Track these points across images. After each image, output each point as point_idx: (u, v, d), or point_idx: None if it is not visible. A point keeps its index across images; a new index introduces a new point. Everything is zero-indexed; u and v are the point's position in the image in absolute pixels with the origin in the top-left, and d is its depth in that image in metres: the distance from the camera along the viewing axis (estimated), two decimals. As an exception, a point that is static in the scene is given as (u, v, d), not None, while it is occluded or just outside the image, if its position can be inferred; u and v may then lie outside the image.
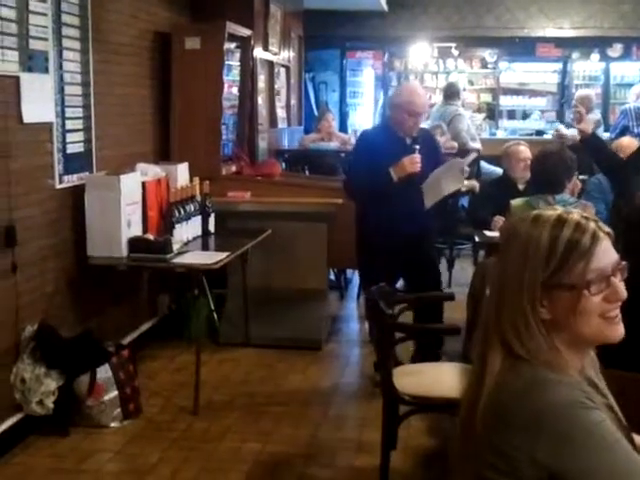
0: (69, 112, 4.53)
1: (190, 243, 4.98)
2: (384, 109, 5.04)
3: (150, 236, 4.69)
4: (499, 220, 5.21)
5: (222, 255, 4.66)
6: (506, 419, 1.46)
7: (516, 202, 4.78)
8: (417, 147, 4.76)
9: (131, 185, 4.62)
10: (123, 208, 4.51)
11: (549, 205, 4.63)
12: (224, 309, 5.73)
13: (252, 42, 6.76)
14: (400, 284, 5.46)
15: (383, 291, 3.71)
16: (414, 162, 4.70)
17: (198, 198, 5.21)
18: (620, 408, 1.59)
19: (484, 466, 1.48)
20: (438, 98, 11.55)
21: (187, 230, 5.01)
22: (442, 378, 3.63)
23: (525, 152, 5.81)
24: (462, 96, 9.28)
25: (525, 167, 5.75)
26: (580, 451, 1.41)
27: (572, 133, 8.57)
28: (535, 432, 1.42)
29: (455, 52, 11.59)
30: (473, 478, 1.51)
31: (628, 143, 5.93)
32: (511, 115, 11.90)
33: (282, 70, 8.54)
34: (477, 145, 8.65)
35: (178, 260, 4.57)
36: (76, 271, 4.65)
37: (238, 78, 6.71)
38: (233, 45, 6.48)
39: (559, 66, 11.55)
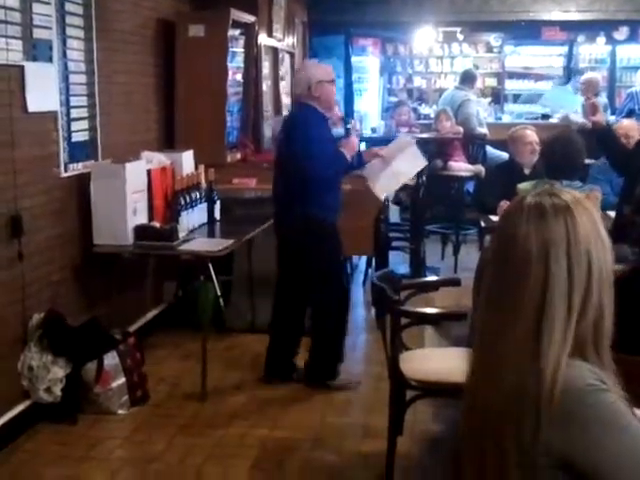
0: (74, 101, 4.54)
1: (196, 230, 4.99)
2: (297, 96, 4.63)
3: (156, 224, 4.70)
4: (505, 205, 5.20)
5: (228, 242, 4.67)
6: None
7: (524, 186, 4.77)
8: (349, 126, 4.84)
9: (136, 173, 4.63)
10: (129, 196, 4.52)
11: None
12: (230, 296, 5.74)
13: (256, 28, 6.74)
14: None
15: (389, 276, 3.72)
16: (357, 140, 4.81)
17: (203, 185, 5.22)
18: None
19: (507, 462, 1.44)
20: (443, 82, 11.55)
21: (193, 217, 5.02)
22: (449, 363, 3.62)
23: (531, 136, 5.79)
24: (476, 84, 9.24)
25: (531, 151, 5.74)
26: (592, 435, 1.38)
27: (580, 120, 8.59)
28: (546, 418, 1.40)
29: (460, 36, 11.53)
30: (494, 473, 1.49)
31: (628, 124, 5.93)
32: (516, 99, 11.85)
33: (286, 56, 8.52)
34: (484, 130, 8.64)
35: (184, 247, 4.58)
36: (82, 259, 4.67)
37: (242, 65, 6.69)
38: (237, 32, 6.47)
39: (565, 49, 11.48)
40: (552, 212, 1.47)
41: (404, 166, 4.82)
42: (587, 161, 5.71)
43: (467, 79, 8.96)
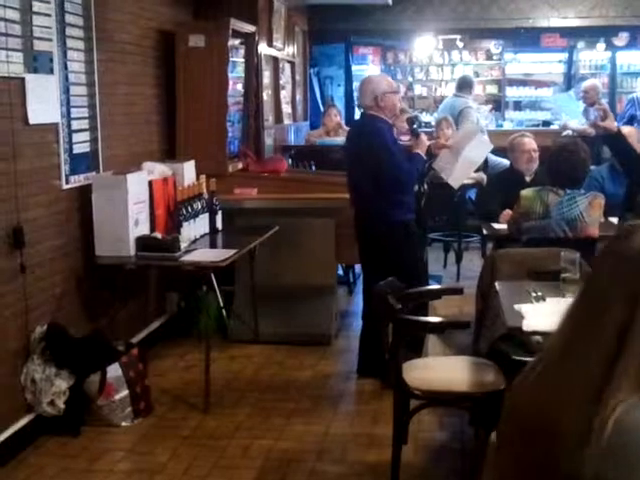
0: (75, 112, 4.53)
1: (198, 241, 4.99)
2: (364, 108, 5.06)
3: (158, 235, 4.69)
4: (507, 213, 5.20)
5: (230, 252, 4.66)
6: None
7: (526, 192, 4.78)
8: (416, 126, 5.11)
9: (138, 184, 4.62)
10: (130, 207, 4.51)
11: (559, 196, 4.62)
12: (233, 306, 5.73)
13: (256, 38, 6.74)
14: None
15: (392, 285, 3.71)
16: (426, 137, 5.05)
17: (205, 196, 5.22)
18: None
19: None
20: (444, 91, 11.56)
21: (194, 228, 5.01)
22: (452, 372, 3.62)
23: (530, 144, 5.79)
24: (474, 90, 9.22)
25: (530, 159, 5.74)
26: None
27: (580, 127, 8.61)
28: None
29: (460, 44, 11.55)
30: None
31: (627, 131, 5.93)
32: (517, 106, 11.86)
33: (287, 66, 8.53)
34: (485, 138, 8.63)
35: (186, 258, 4.57)
36: (84, 271, 4.66)
37: (243, 75, 6.69)
38: (237, 41, 6.47)
39: (565, 56, 11.50)
40: None
41: (474, 153, 5.29)
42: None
43: (465, 85, 8.94)
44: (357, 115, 11.02)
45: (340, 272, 6.86)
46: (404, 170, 4.78)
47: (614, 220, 4.99)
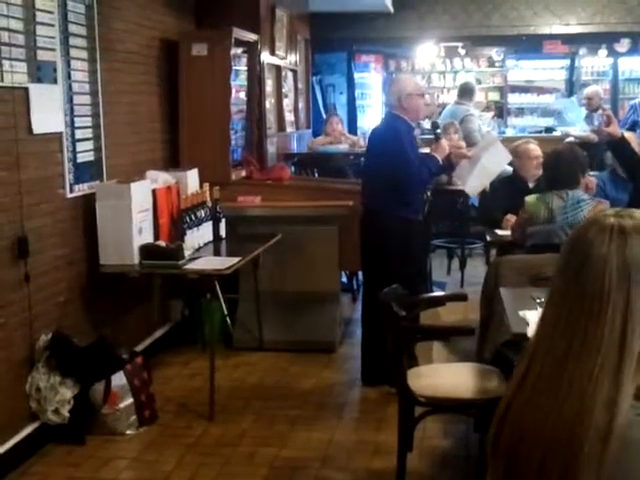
0: (78, 121, 4.55)
1: (201, 249, 4.99)
2: (389, 107, 5.17)
3: (162, 243, 4.70)
4: (510, 219, 5.20)
5: (234, 260, 4.67)
6: None
7: (530, 198, 4.78)
8: (439, 131, 5.22)
9: (142, 192, 4.63)
10: (134, 216, 4.52)
11: (563, 201, 4.63)
12: (237, 314, 5.74)
13: (259, 47, 6.76)
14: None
15: (395, 293, 3.71)
16: (447, 143, 5.13)
17: (208, 204, 5.23)
18: None
19: None
20: (446, 98, 11.56)
21: (198, 236, 5.02)
22: (457, 379, 3.62)
23: (535, 150, 5.78)
24: (475, 97, 9.20)
25: (537, 165, 5.73)
26: None
27: (583, 133, 8.62)
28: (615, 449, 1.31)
29: (462, 51, 11.56)
30: None
31: (627, 137, 5.93)
32: (519, 113, 11.87)
33: (289, 74, 8.54)
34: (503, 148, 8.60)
35: (190, 266, 4.58)
36: (89, 279, 4.67)
37: (245, 83, 6.72)
38: (240, 50, 6.49)
39: (566, 62, 11.52)
40: (634, 234, 1.38)
41: (491, 163, 5.29)
42: (593, 173, 5.72)
43: (466, 92, 8.91)
44: (360, 122, 11.11)
45: (344, 279, 6.86)
46: (414, 170, 4.79)
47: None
